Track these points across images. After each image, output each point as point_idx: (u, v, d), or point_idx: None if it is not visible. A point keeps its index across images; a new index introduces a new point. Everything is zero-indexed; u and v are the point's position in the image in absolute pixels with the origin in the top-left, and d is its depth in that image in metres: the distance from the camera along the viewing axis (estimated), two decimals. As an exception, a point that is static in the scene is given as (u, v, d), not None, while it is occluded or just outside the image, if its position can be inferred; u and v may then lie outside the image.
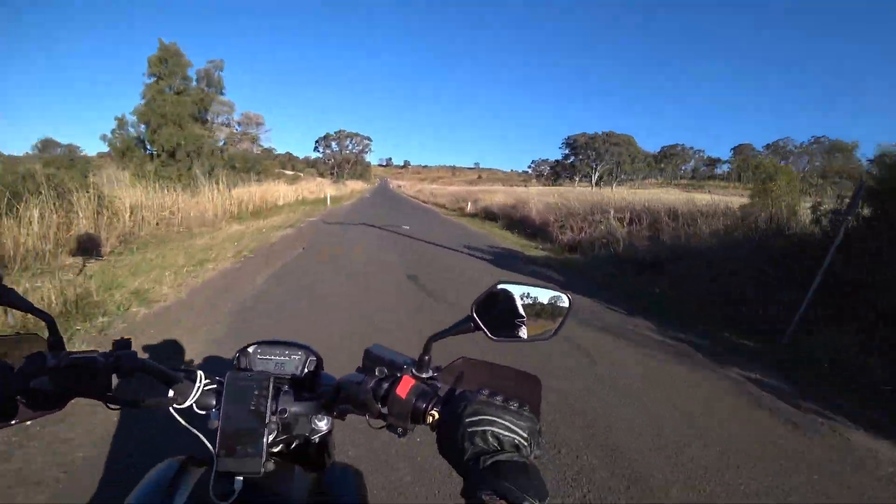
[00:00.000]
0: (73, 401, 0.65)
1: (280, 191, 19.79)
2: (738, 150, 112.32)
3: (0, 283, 0.63)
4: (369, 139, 72.47)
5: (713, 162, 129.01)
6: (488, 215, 19.00)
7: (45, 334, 0.67)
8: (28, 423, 0.62)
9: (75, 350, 0.64)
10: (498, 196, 20.89)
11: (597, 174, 65.38)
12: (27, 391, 0.60)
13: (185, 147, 15.28)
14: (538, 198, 16.34)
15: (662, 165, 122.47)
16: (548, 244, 11.85)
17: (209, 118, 17.58)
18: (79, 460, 2.11)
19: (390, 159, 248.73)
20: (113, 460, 2.11)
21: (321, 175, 66.19)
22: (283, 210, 15.88)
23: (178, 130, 15.05)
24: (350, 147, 71.05)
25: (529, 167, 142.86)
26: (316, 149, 72.15)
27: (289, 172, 61.28)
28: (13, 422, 0.61)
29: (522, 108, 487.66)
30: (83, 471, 2.03)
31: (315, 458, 0.79)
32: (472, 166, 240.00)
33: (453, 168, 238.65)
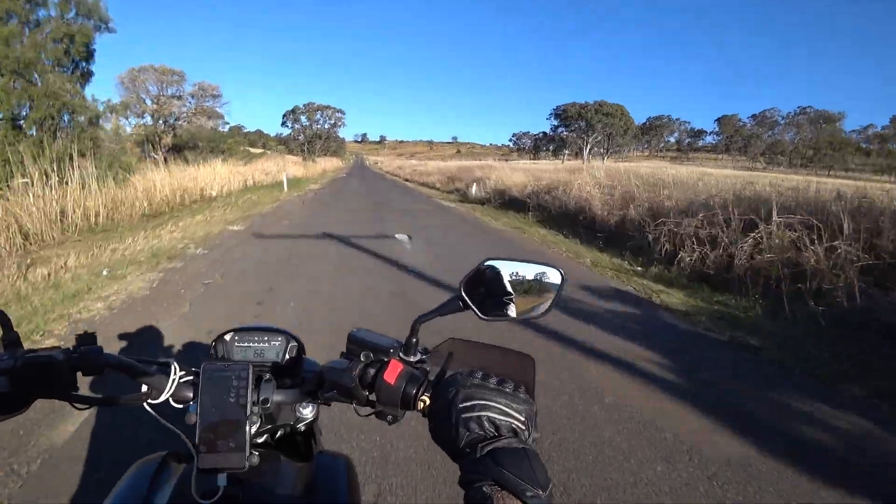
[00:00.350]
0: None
1: (216, 175, 14.19)
2: (723, 120, 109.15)
3: None
4: (342, 112, 65.49)
5: (697, 133, 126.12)
6: (506, 202, 13.74)
7: None
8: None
9: (35, 348, 0.60)
10: (517, 175, 15.57)
11: (588, 147, 60.41)
12: None
13: (38, 112, 9.41)
14: (585, 177, 11.15)
15: (648, 137, 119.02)
16: (643, 261, 6.91)
17: (91, 68, 11.71)
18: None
19: (365, 135, 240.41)
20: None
21: (291, 153, 59.78)
22: (208, 208, 10.36)
23: (26, 86, 9.32)
24: (321, 122, 64.19)
25: (510, 140, 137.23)
26: (284, 124, 64.45)
27: (257, 150, 54.79)
28: None
29: (502, 80, 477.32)
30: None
31: (301, 446, 0.75)
32: (450, 140, 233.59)
33: (430, 143, 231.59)
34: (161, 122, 39.51)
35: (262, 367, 0.70)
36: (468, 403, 0.50)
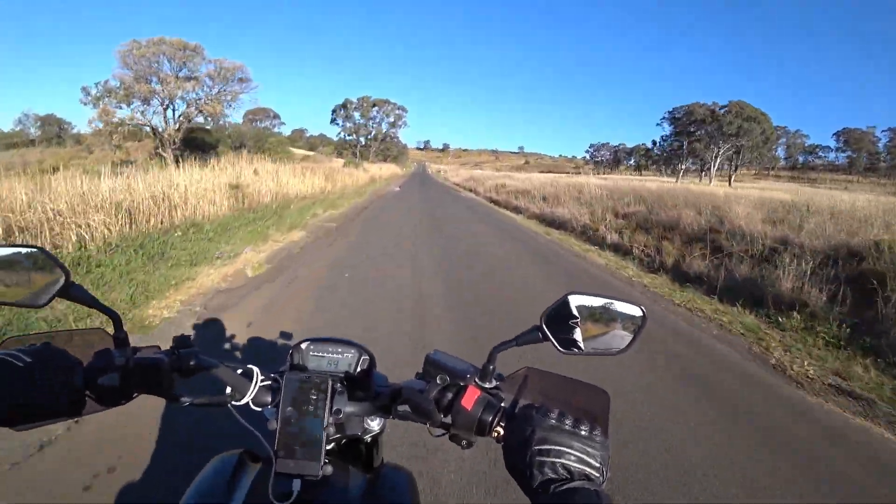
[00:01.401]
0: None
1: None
2: (848, 134, 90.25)
3: (67, 279, 0.62)
4: (403, 110, 55.15)
5: (811, 150, 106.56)
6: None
7: (111, 329, 0.66)
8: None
9: (138, 346, 0.66)
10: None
11: (717, 160, 46.28)
12: (96, 388, 0.60)
13: None
14: None
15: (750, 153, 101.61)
16: None
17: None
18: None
19: (428, 142, 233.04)
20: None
21: (341, 156, 49.78)
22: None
23: None
24: (378, 120, 53.91)
25: (588, 151, 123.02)
26: (334, 121, 55.03)
27: (299, 152, 46.22)
28: (81, 415, 0.61)
29: (575, 88, 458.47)
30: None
31: (365, 456, 0.79)
32: (517, 150, 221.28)
33: (496, 152, 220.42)
34: (171, 109, 30.09)
35: (336, 378, 0.71)
36: (544, 447, 0.50)
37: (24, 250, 0.65)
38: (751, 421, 2.76)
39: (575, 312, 0.63)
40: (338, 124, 54.33)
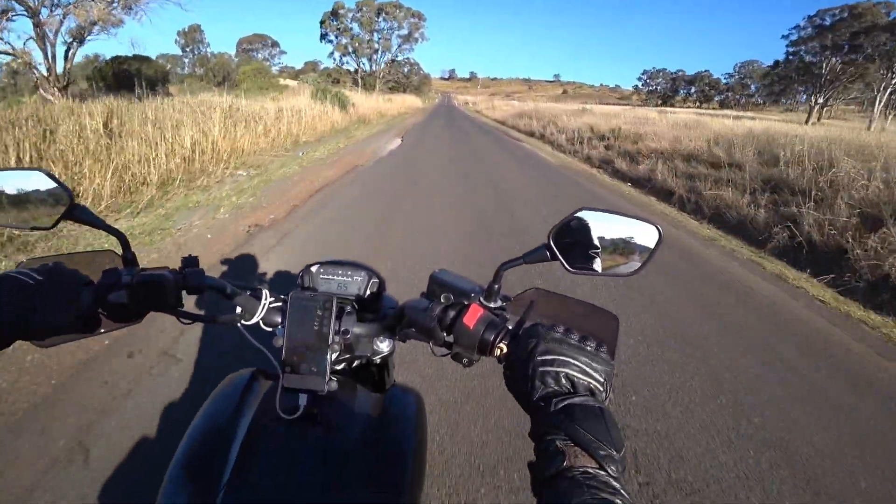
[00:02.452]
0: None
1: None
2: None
3: (72, 201, 0.63)
4: (420, 17, 41.03)
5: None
6: None
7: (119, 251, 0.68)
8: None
9: (147, 267, 0.66)
10: None
11: (886, 92, 31.67)
12: (107, 305, 0.62)
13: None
14: None
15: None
16: None
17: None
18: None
19: (453, 71, 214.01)
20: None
21: (345, 86, 37.69)
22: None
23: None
24: (387, 32, 40.18)
25: (640, 80, 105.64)
26: (325, 37, 40.87)
27: (288, 82, 34.82)
28: (99, 332, 0.64)
29: (622, 5, 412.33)
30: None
31: (376, 378, 0.81)
32: (552, 79, 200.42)
33: (528, 81, 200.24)
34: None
35: (345, 300, 0.72)
36: (548, 357, 0.49)
37: (29, 174, 0.66)
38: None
39: (586, 230, 0.61)
40: (331, 41, 40.41)
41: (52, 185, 0.64)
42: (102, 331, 0.65)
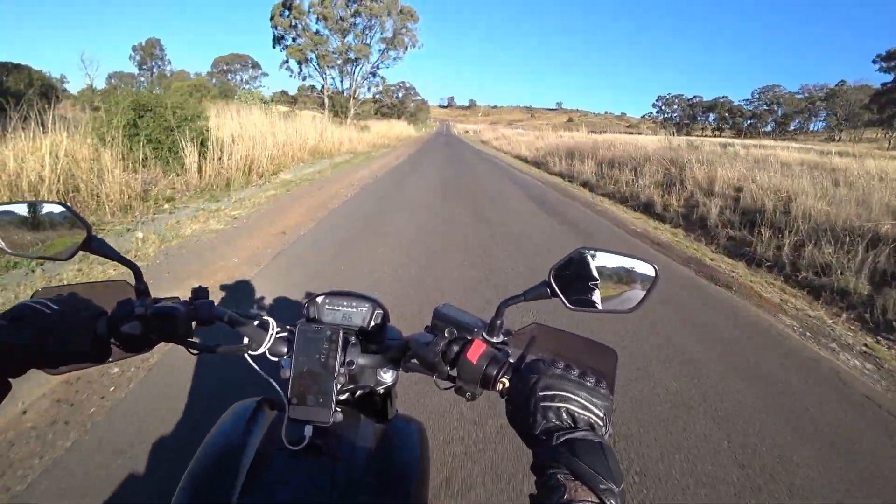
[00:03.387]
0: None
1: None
2: None
3: (89, 233, 0.65)
4: (411, 15, 28.49)
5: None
6: None
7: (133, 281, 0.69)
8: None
9: (159, 297, 0.68)
10: None
11: None
12: (119, 335, 0.63)
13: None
14: None
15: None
16: None
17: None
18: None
19: (452, 98, 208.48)
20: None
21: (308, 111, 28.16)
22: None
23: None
24: (363, 29, 28.41)
25: (655, 106, 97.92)
26: (279, 41, 27.66)
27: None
28: (109, 360, 0.65)
29: (626, 31, 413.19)
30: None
31: (379, 408, 0.81)
32: (555, 107, 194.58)
33: (530, 109, 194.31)
34: None
35: (350, 331, 0.73)
36: (549, 392, 0.50)
37: (47, 206, 0.68)
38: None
39: (585, 268, 0.62)
40: (283, 45, 27.70)
41: (71, 217, 0.67)
42: (112, 360, 0.65)
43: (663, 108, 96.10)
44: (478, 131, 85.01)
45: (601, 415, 0.49)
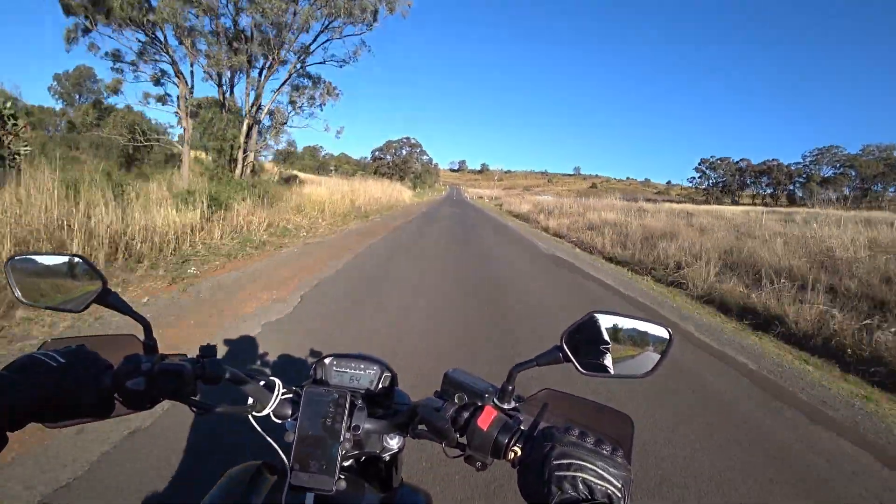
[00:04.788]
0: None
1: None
2: None
3: (104, 287, 0.66)
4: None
5: None
6: None
7: (142, 336, 0.69)
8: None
9: (166, 353, 0.67)
10: None
11: None
12: (123, 390, 0.61)
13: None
14: None
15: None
16: None
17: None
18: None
19: (464, 162, 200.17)
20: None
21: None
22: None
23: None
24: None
25: (699, 170, 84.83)
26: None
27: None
28: (108, 417, 0.63)
29: (645, 94, 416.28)
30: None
31: (384, 476, 0.77)
32: (573, 172, 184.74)
33: (546, 174, 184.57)
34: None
35: (357, 394, 0.70)
36: (564, 462, 0.48)
37: (66, 258, 0.69)
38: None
39: (598, 332, 0.61)
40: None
41: (88, 271, 0.68)
42: (113, 416, 0.63)
43: (707, 172, 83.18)
44: (494, 197, 71.88)
45: (619, 485, 0.47)
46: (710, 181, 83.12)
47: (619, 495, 0.46)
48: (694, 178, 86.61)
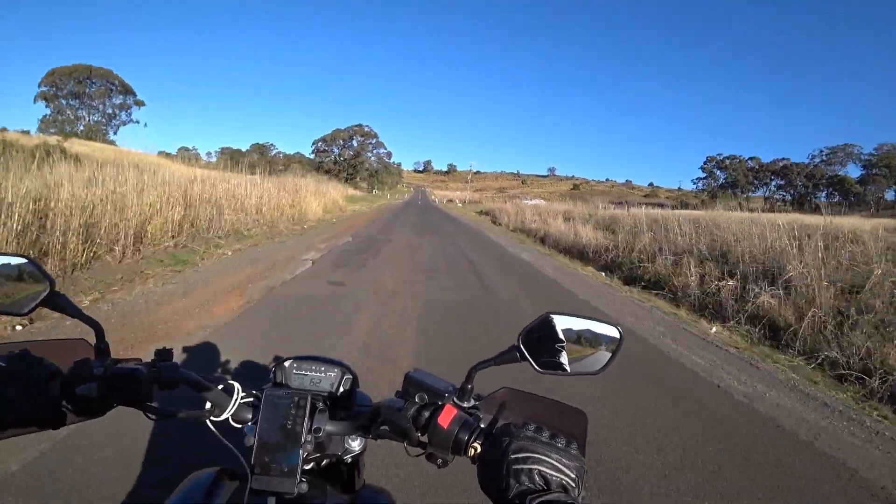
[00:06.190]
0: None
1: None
2: None
3: (52, 289, 0.63)
4: None
5: None
6: None
7: (93, 340, 0.66)
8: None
9: (120, 357, 0.64)
10: None
11: None
12: (73, 397, 0.59)
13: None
14: None
15: None
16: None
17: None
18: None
19: (429, 163, 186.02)
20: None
21: None
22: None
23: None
24: None
25: (705, 168, 73.48)
26: None
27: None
28: (59, 426, 0.61)
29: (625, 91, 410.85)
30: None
31: (346, 478, 0.76)
32: (546, 174, 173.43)
33: (519, 175, 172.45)
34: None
35: (318, 397, 0.69)
36: (521, 455, 0.50)
37: (10, 259, 0.66)
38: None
39: (554, 332, 0.63)
40: None
41: (35, 272, 0.64)
42: (61, 426, 0.60)
43: (714, 171, 72.13)
44: (468, 201, 57.88)
45: (573, 476, 0.49)
46: (718, 182, 72.16)
47: (574, 485, 0.48)
48: (699, 178, 75.43)
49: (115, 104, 54.36)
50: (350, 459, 0.73)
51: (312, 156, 59.21)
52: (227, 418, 0.65)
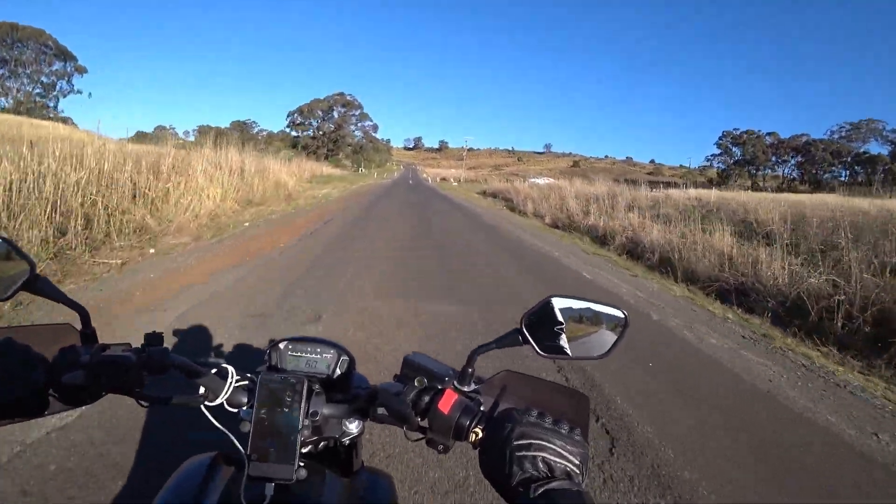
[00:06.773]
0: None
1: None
2: None
3: (33, 272, 0.61)
4: None
5: None
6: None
7: (79, 325, 0.65)
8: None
9: (108, 343, 0.63)
10: None
11: None
12: (59, 385, 0.57)
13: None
14: None
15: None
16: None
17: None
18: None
19: (420, 139, 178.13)
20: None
21: None
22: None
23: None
24: None
25: (721, 145, 67.32)
26: None
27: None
28: (44, 415, 0.59)
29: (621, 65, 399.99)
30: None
31: (344, 460, 0.75)
32: (542, 151, 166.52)
33: (514, 152, 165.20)
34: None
35: (314, 379, 0.68)
36: (524, 441, 0.49)
37: None
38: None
39: (557, 315, 0.62)
40: None
41: (13, 254, 0.62)
42: (48, 413, 0.59)
43: (730, 147, 66.05)
44: (462, 179, 51.39)
45: (577, 462, 0.48)
46: (734, 158, 66.18)
47: (578, 472, 0.48)
48: (714, 155, 69.31)
49: (51, 71, 46.86)
50: (347, 442, 0.71)
51: (288, 129, 52.04)
52: (223, 403, 0.63)
